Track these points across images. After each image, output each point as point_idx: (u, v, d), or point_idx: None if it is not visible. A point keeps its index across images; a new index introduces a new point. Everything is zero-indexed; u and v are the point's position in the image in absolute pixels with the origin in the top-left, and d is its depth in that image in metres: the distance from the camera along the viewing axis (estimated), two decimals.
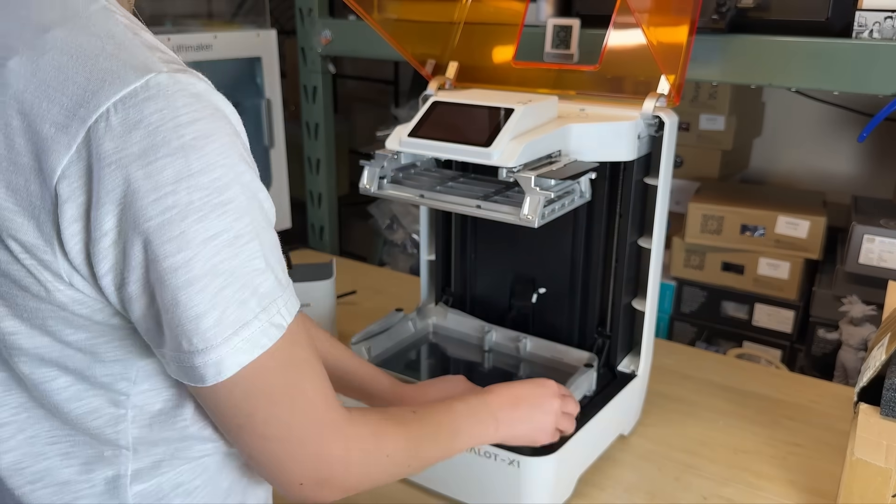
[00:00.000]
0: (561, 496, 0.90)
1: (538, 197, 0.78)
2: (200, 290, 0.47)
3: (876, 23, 1.02)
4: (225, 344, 0.48)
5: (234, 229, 0.48)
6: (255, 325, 0.49)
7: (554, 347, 1.02)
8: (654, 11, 0.88)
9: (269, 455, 0.54)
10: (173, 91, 0.46)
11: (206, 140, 0.47)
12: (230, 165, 0.48)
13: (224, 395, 0.51)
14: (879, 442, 0.78)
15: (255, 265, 0.49)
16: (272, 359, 0.51)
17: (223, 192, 0.47)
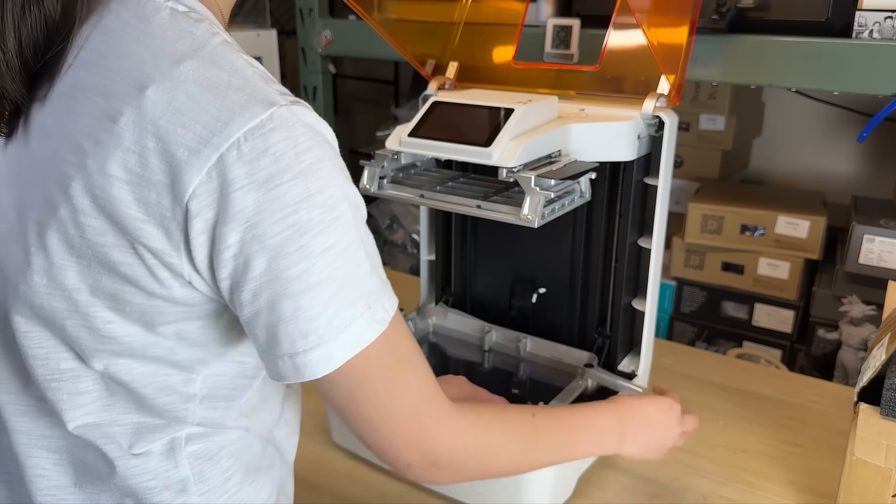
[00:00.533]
0: (561, 496, 0.90)
1: (538, 197, 0.78)
2: (317, 295, 0.53)
3: (876, 23, 1.02)
4: (335, 339, 0.54)
5: (345, 241, 0.54)
6: (361, 321, 0.55)
7: (554, 347, 1.02)
8: (654, 11, 0.88)
9: (378, 437, 0.60)
10: (293, 122, 0.52)
11: (319, 164, 0.53)
12: (338, 185, 0.54)
13: (336, 385, 0.57)
14: (879, 442, 0.78)
15: (362, 269, 0.55)
16: (376, 350, 0.56)
17: (334, 209, 0.53)
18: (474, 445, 0.64)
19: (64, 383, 0.60)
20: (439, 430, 0.62)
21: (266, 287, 0.53)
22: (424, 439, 0.61)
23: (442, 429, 0.62)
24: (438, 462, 0.62)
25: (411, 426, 0.60)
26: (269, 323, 0.54)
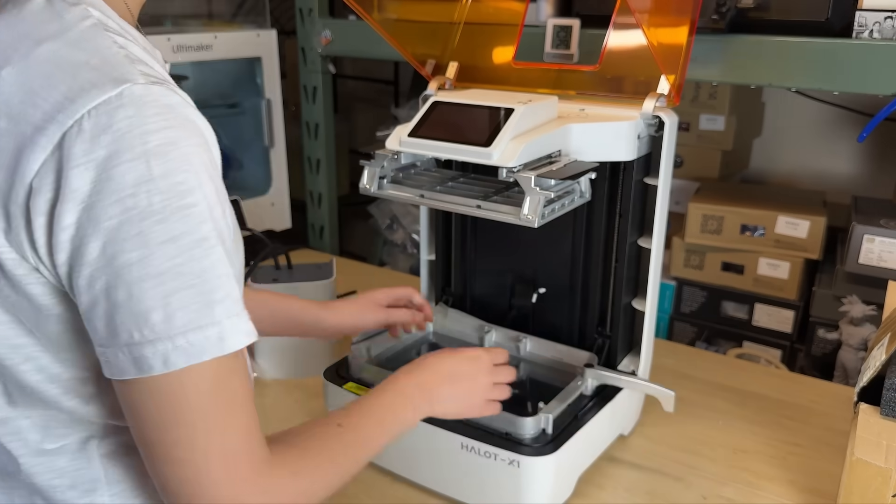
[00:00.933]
0: (561, 496, 0.90)
1: (538, 197, 0.78)
2: (154, 287, 0.49)
3: (876, 23, 1.02)
4: (173, 341, 0.50)
5: (198, 234, 0.50)
6: (212, 331, 0.50)
7: (554, 347, 1.02)
8: (654, 12, 0.88)
9: (177, 481, 0.53)
10: (146, 102, 0.50)
11: (170, 147, 0.50)
12: (194, 172, 0.50)
13: (152, 396, 0.51)
14: (879, 442, 0.78)
15: (220, 271, 0.51)
16: (210, 373, 0.51)
17: (185, 196, 0.50)
18: (288, 498, 0.58)
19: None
20: (250, 488, 0.55)
21: (101, 273, 0.49)
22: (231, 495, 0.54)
23: (253, 488, 0.55)
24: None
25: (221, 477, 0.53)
26: (107, 311, 0.50)
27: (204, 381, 0.52)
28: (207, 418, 0.52)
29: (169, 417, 0.52)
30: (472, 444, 0.86)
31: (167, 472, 0.53)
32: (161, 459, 0.53)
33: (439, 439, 0.88)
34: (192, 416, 0.52)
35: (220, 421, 0.53)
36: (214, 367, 0.51)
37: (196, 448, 0.52)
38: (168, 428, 0.52)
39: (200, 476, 0.53)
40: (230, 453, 0.54)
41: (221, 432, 0.53)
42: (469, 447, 0.86)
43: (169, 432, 0.52)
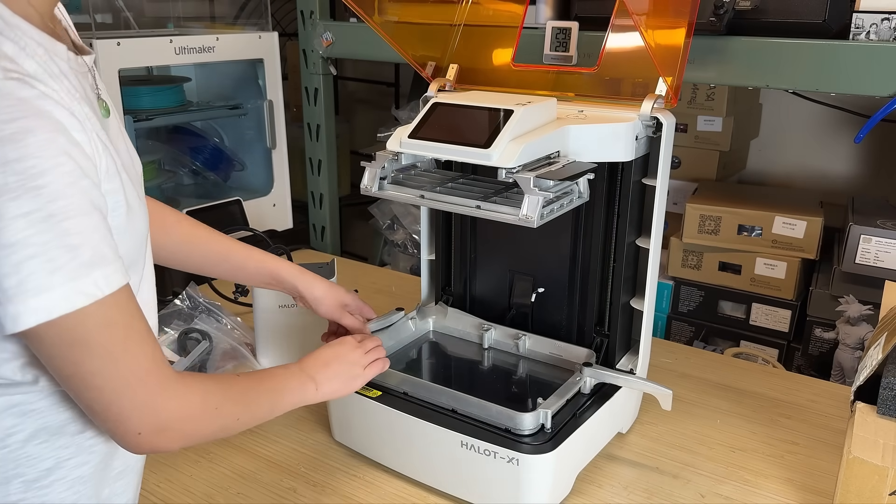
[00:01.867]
0: (560, 494, 0.90)
1: (537, 197, 0.79)
2: (7, 256, 0.55)
3: (873, 24, 1.03)
4: (24, 302, 0.56)
5: (47, 210, 0.56)
6: (58, 291, 0.57)
7: (553, 344, 1.03)
8: (651, 14, 0.89)
9: (103, 405, 0.63)
10: (1, 95, 0.55)
11: (25, 134, 0.55)
12: (48, 157, 0.56)
13: (41, 344, 0.59)
14: (876, 440, 0.79)
15: (69, 241, 0.57)
16: (84, 319, 0.59)
17: (38, 178, 0.55)
18: (199, 410, 0.69)
19: None
20: (166, 397, 0.65)
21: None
22: (151, 405, 0.64)
23: (168, 395, 0.65)
24: (167, 427, 0.66)
25: (137, 393, 0.63)
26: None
27: (85, 326, 0.59)
28: (104, 349, 0.61)
29: (73, 357, 0.60)
30: (471, 441, 0.86)
31: (92, 399, 0.62)
32: (84, 390, 0.62)
33: (439, 437, 0.89)
34: (88, 350, 0.60)
35: (120, 352, 0.62)
36: (89, 313, 0.59)
37: (108, 375, 0.62)
38: (79, 364, 0.60)
39: (120, 394, 0.62)
40: (140, 371, 0.63)
41: (124, 360, 0.62)
42: (469, 445, 0.87)
43: (81, 367, 0.60)
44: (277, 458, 1.01)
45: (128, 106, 1.39)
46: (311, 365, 0.86)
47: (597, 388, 0.96)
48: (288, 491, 0.94)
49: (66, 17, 0.73)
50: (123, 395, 0.63)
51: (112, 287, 0.60)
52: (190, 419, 0.68)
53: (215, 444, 1.03)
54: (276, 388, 0.82)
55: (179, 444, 0.68)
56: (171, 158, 1.71)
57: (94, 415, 0.64)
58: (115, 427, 0.64)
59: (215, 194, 1.69)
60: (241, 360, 1.21)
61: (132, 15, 1.57)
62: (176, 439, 0.67)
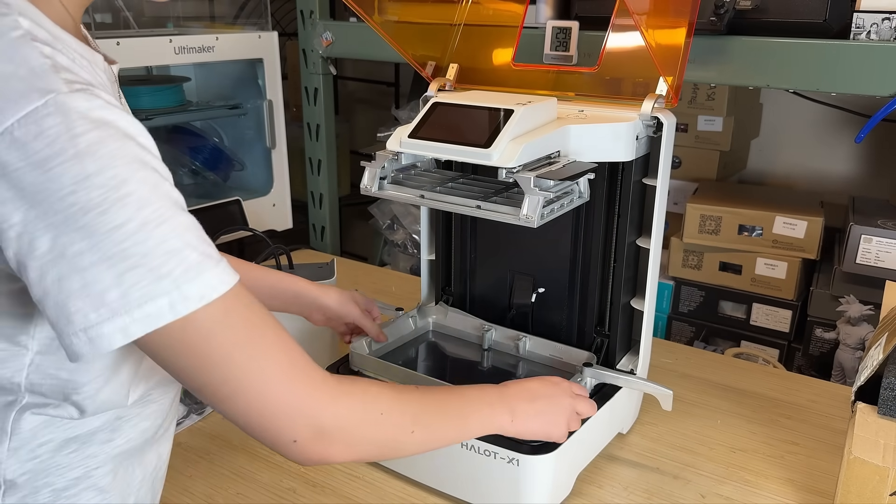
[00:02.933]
0: (560, 494, 0.90)
1: (537, 197, 0.79)
2: (107, 270, 0.53)
3: (874, 24, 1.03)
4: (130, 314, 0.54)
5: (139, 218, 0.54)
6: (164, 300, 0.54)
7: (553, 346, 1.03)
8: (652, 13, 0.89)
9: (246, 415, 0.59)
10: (69, 108, 0.54)
11: (98, 146, 0.54)
12: (124, 164, 0.54)
13: (163, 355, 0.57)
14: (877, 441, 0.79)
15: (169, 246, 0.55)
16: (201, 322, 0.56)
17: (120, 188, 0.54)
18: (360, 414, 0.63)
19: None
20: (319, 396, 0.61)
21: (52, 265, 0.53)
22: (304, 407, 0.60)
23: (321, 395, 0.61)
24: (326, 432, 0.60)
25: (285, 394, 0.59)
26: (59, 301, 0.54)
27: (201, 330, 0.56)
28: (230, 353, 0.57)
29: (198, 364, 0.57)
30: (471, 442, 0.86)
31: (232, 408, 0.59)
32: (220, 400, 0.58)
33: None
34: (219, 356, 0.57)
35: (257, 352, 0.58)
36: (206, 316, 0.56)
37: (245, 379, 0.58)
38: (206, 371, 0.57)
39: (261, 401, 0.58)
40: (278, 372, 0.59)
41: (263, 360, 0.58)
42: (469, 445, 0.86)
43: (210, 374, 0.57)
44: (277, 458, 1.00)
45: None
46: (514, 394, 0.79)
47: (597, 389, 0.96)
48: (287, 491, 0.94)
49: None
50: (265, 400, 0.58)
51: (226, 285, 0.57)
52: (351, 424, 0.62)
53: (214, 443, 1.03)
54: (465, 410, 0.74)
55: (346, 454, 0.63)
56: (170, 158, 1.70)
57: (244, 428, 0.60)
58: (268, 437, 0.60)
59: (215, 194, 1.69)
60: None
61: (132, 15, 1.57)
62: (339, 447, 0.62)
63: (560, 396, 0.83)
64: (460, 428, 0.74)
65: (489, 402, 0.77)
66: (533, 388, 0.82)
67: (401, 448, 0.69)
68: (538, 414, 0.80)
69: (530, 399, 0.80)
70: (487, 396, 0.78)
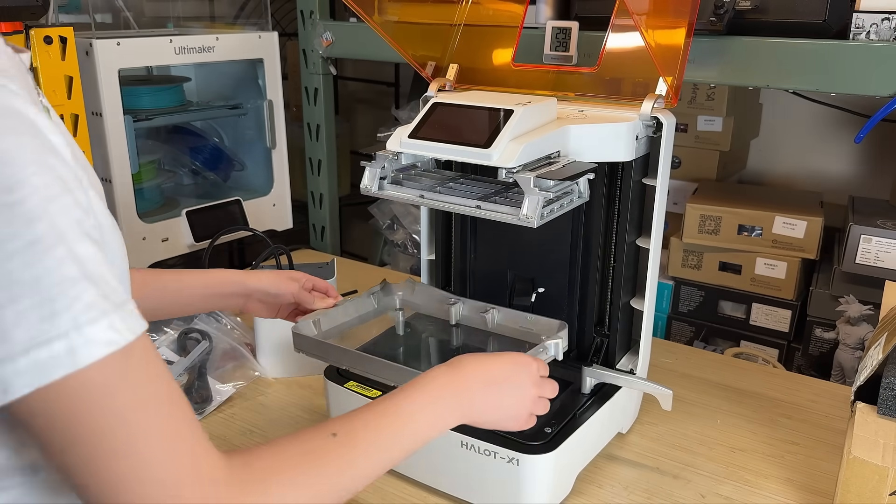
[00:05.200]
0: (560, 494, 0.90)
1: (537, 197, 0.79)
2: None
3: (873, 24, 1.03)
4: (12, 362, 0.42)
5: (31, 233, 0.42)
6: (62, 343, 0.43)
7: (524, 317, 0.99)
8: (652, 14, 0.89)
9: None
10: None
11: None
12: (21, 165, 0.43)
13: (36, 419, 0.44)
14: (876, 440, 0.79)
15: (64, 273, 0.43)
16: (95, 381, 0.44)
17: (13, 191, 0.42)
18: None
19: None
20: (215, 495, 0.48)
21: None
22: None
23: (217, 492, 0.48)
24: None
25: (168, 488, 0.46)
26: None
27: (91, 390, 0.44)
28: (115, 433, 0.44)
29: (64, 443, 0.44)
30: (471, 441, 0.86)
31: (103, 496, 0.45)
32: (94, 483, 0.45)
33: (439, 437, 0.88)
34: (93, 433, 0.44)
35: (137, 427, 0.45)
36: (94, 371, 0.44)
37: (117, 470, 0.45)
38: (72, 453, 0.44)
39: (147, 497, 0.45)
40: (166, 459, 0.46)
41: (145, 438, 0.45)
42: (468, 445, 0.87)
43: (75, 457, 0.44)
44: None
45: (127, 106, 1.39)
46: (468, 381, 0.67)
47: (597, 388, 0.96)
48: None
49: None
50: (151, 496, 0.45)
51: (133, 332, 0.46)
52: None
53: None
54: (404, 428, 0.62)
55: None
56: (170, 158, 1.71)
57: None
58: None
59: (215, 194, 1.69)
60: (240, 360, 1.21)
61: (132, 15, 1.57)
62: None
63: (525, 382, 0.72)
64: (398, 456, 0.62)
65: (435, 407, 0.65)
66: (492, 371, 0.70)
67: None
68: (497, 407, 0.69)
69: (487, 386, 0.69)
70: (434, 399, 0.65)
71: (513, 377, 0.72)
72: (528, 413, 0.73)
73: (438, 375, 0.68)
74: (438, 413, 0.65)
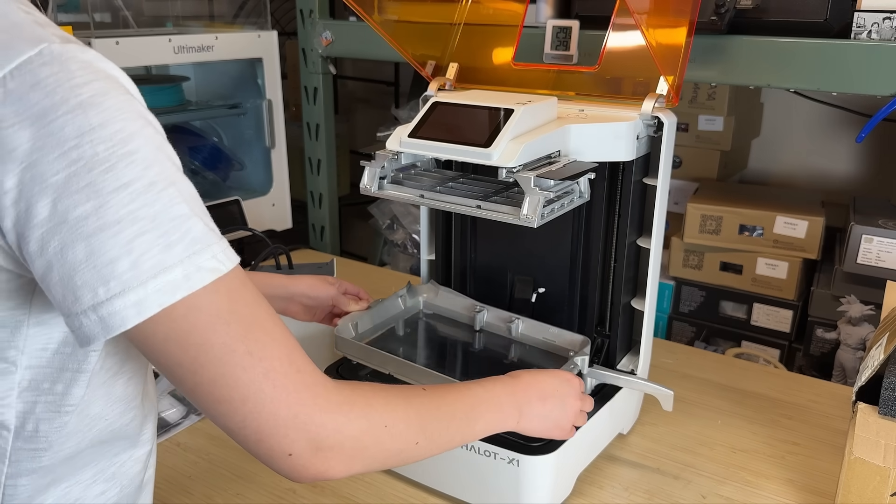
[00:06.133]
0: (560, 495, 0.90)
1: (538, 197, 0.78)
2: (114, 236, 0.48)
3: (874, 23, 1.03)
4: (144, 285, 0.48)
5: (147, 177, 0.49)
6: (179, 269, 0.49)
7: (546, 329, 1.01)
8: (652, 13, 0.89)
9: (242, 420, 0.53)
10: (66, 58, 0.49)
11: (103, 97, 0.49)
12: (131, 119, 0.50)
13: (160, 344, 0.50)
14: (878, 441, 0.79)
15: (178, 211, 0.50)
16: (208, 303, 0.50)
17: (127, 142, 0.49)
18: (363, 426, 0.57)
19: None
20: (319, 405, 0.55)
21: (53, 232, 0.47)
22: (303, 417, 0.54)
23: (322, 403, 0.55)
24: (324, 446, 0.54)
25: (284, 400, 0.53)
26: (64, 274, 0.48)
27: (206, 311, 0.50)
28: (229, 346, 0.51)
29: (195, 357, 0.51)
30: (472, 442, 0.86)
31: (225, 412, 0.53)
32: (211, 404, 0.53)
33: None
34: (209, 349, 0.51)
35: (258, 349, 0.52)
36: (214, 293, 0.50)
37: (244, 378, 0.52)
38: (203, 367, 0.51)
39: (256, 407, 0.52)
40: (276, 374, 0.53)
41: (264, 360, 0.52)
42: (469, 446, 0.86)
43: (198, 374, 0.51)
44: None
45: None
46: (524, 391, 0.76)
47: (597, 389, 0.96)
48: (287, 492, 0.94)
49: None
50: (260, 406, 0.52)
51: (232, 261, 0.52)
52: (352, 438, 0.56)
53: (214, 443, 1.03)
54: (472, 414, 0.70)
55: (344, 470, 0.57)
56: None
57: (237, 435, 0.54)
58: (260, 449, 0.54)
59: (214, 194, 1.68)
60: None
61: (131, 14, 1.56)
62: (338, 463, 0.56)
63: (570, 397, 0.80)
64: (466, 433, 0.70)
65: (498, 403, 0.73)
66: (545, 385, 0.78)
67: (402, 460, 0.64)
68: (546, 417, 0.78)
69: (541, 398, 0.77)
70: (497, 397, 0.73)
71: (561, 391, 0.80)
72: (570, 425, 0.81)
73: (499, 383, 0.75)
74: (498, 414, 0.73)
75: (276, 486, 0.95)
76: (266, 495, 0.93)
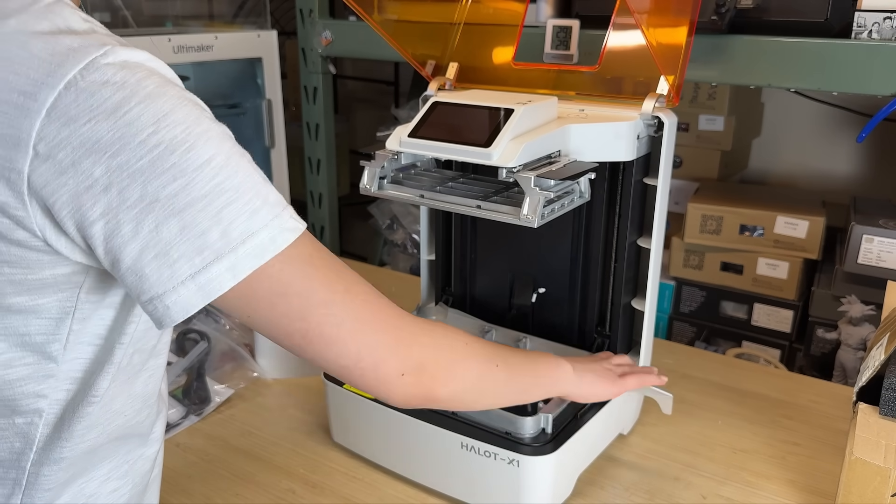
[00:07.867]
0: (560, 495, 0.90)
1: (538, 197, 0.78)
2: (203, 209, 0.52)
3: (875, 23, 1.02)
4: (234, 251, 0.52)
5: (223, 151, 0.54)
6: (265, 232, 0.54)
7: (554, 347, 1.03)
8: (653, 12, 0.88)
9: (352, 356, 0.58)
10: (126, 57, 0.54)
11: (164, 87, 0.54)
12: (192, 105, 0.54)
13: (265, 301, 0.55)
14: (878, 441, 0.78)
15: (255, 179, 0.55)
16: (298, 256, 0.56)
17: (199, 123, 0.53)
18: (448, 344, 0.65)
19: None
20: (412, 330, 0.61)
21: (146, 212, 0.51)
22: (403, 341, 0.60)
23: (413, 328, 0.62)
24: (424, 366, 0.61)
25: (387, 327, 0.59)
26: (160, 251, 0.52)
27: (297, 263, 0.55)
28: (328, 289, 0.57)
29: (297, 305, 0.56)
30: (471, 443, 0.86)
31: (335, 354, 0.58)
32: (322, 347, 0.58)
33: (439, 439, 0.88)
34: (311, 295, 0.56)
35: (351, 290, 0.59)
36: (296, 248, 0.55)
37: (347, 316, 0.58)
38: (306, 313, 0.56)
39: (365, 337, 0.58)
40: (371, 305, 0.60)
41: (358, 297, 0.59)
42: (469, 446, 0.86)
43: (307, 320, 0.57)
44: (276, 459, 1.00)
45: None
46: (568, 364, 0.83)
47: None
48: (286, 492, 0.94)
49: None
50: (366, 335, 0.59)
51: (302, 222, 0.57)
52: (442, 355, 0.64)
53: (213, 444, 1.03)
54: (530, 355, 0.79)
55: (446, 387, 0.63)
56: None
57: (342, 371, 0.59)
58: (377, 375, 0.59)
59: None
60: (239, 361, 1.20)
61: (130, 14, 1.56)
62: (439, 380, 0.63)
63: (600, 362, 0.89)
64: (531, 370, 0.77)
65: (550, 357, 0.81)
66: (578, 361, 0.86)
67: (488, 382, 0.69)
68: (595, 380, 0.84)
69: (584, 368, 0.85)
70: (551, 360, 0.81)
71: (590, 362, 0.88)
72: (615, 378, 0.87)
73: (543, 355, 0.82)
74: (554, 363, 0.81)
75: (275, 487, 0.95)
76: (265, 495, 0.93)
